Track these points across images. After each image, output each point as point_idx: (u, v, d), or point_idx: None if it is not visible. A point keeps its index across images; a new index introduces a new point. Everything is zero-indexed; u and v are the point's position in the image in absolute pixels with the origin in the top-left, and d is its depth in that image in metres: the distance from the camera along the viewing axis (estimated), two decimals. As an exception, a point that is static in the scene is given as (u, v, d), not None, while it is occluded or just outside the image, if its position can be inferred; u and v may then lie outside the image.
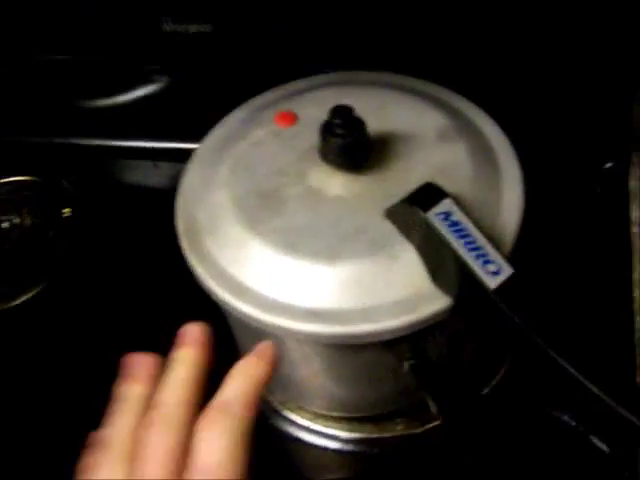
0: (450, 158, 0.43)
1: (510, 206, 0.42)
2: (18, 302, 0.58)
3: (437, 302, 0.39)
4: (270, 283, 0.40)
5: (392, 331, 0.39)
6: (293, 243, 0.41)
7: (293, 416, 0.50)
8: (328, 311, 0.39)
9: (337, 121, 0.41)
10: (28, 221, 0.63)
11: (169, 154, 0.67)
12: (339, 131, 0.41)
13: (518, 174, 0.43)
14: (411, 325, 0.39)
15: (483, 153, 0.44)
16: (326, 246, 0.40)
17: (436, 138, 0.44)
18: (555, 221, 0.54)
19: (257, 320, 0.40)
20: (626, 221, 0.55)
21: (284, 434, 0.50)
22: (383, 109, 0.45)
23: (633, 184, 0.57)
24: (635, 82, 0.54)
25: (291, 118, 0.46)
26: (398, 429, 0.48)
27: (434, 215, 0.38)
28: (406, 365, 0.41)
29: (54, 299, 0.59)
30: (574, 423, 0.39)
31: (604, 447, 0.43)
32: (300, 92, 0.49)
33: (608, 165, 0.57)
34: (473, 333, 0.40)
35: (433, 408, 0.40)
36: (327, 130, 0.41)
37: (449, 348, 0.40)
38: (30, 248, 0.62)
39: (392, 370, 0.43)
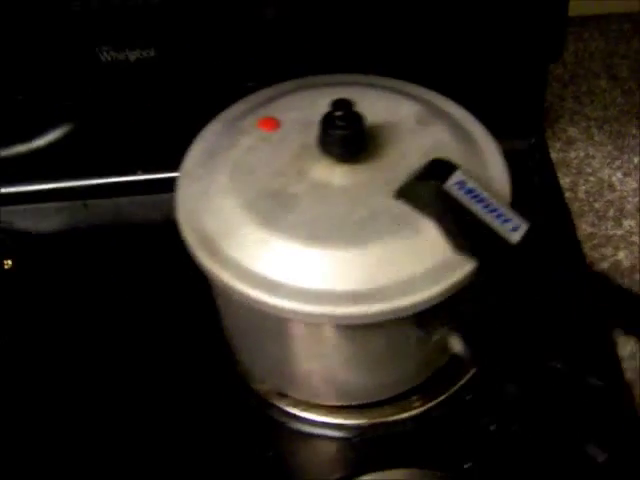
0: (435, 139, 0.46)
1: (498, 178, 0.46)
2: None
3: (463, 267, 0.42)
4: (302, 275, 0.41)
5: (428, 300, 0.41)
6: (315, 234, 0.42)
7: (309, 414, 0.50)
8: (366, 292, 0.41)
9: (338, 114, 0.43)
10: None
11: (102, 190, 0.65)
12: (340, 123, 0.43)
13: (497, 150, 0.47)
14: (444, 292, 0.41)
15: (460, 133, 0.48)
16: (348, 232, 0.42)
17: (416, 123, 0.48)
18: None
19: (301, 313, 0.41)
20: (559, 189, 0.62)
21: (300, 433, 0.50)
22: (360, 105, 0.47)
23: (554, 155, 0.64)
24: (545, 66, 0.61)
25: (274, 122, 0.48)
26: (415, 406, 0.50)
27: (452, 185, 0.41)
28: (438, 334, 0.43)
29: (13, 353, 0.55)
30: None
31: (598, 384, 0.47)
32: (272, 99, 0.50)
33: (532, 141, 0.63)
34: (499, 290, 0.43)
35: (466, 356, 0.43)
36: (328, 123, 0.43)
37: (479, 308, 0.43)
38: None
39: (419, 345, 0.45)
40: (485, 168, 0.46)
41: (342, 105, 0.43)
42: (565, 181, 0.62)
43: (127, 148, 0.64)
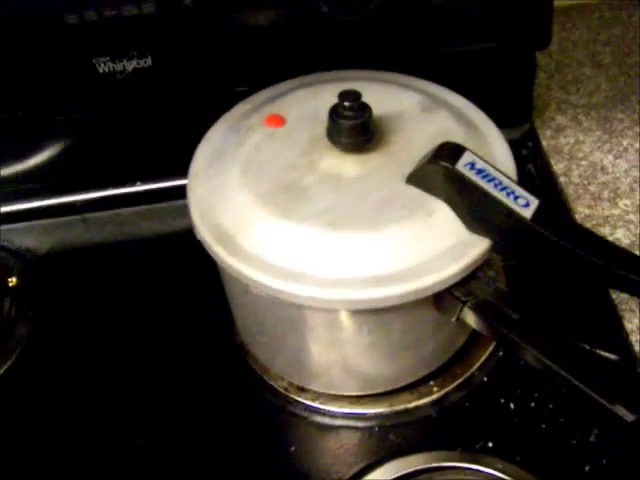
0: (440, 125, 0.48)
1: (503, 160, 0.47)
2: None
3: (479, 245, 0.43)
4: (322, 263, 0.42)
5: (447, 279, 0.42)
6: (332, 222, 0.43)
7: (330, 407, 0.51)
8: (386, 275, 0.42)
9: (346, 104, 0.44)
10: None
11: (101, 203, 0.66)
12: (348, 113, 0.44)
13: (499, 133, 0.49)
14: (462, 270, 0.42)
15: (463, 120, 0.49)
16: (364, 218, 0.43)
17: (420, 112, 0.49)
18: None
19: (322, 300, 0.41)
20: (552, 174, 0.63)
21: (322, 426, 0.51)
22: (364, 97, 0.48)
23: (545, 144, 0.65)
24: (533, 53, 0.62)
25: (280, 119, 0.49)
26: (434, 391, 0.51)
27: (462, 166, 0.42)
28: (456, 314, 0.44)
29: (26, 372, 0.55)
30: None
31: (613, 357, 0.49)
32: (275, 97, 0.51)
33: (525, 129, 0.64)
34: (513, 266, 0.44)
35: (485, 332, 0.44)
36: (336, 113, 0.44)
37: (495, 285, 0.44)
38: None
39: (437, 327, 0.46)
40: (490, 151, 0.47)
41: (350, 96, 0.44)
42: (558, 167, 0.63)
43: (125, 159, 0.64)
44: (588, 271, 0.42)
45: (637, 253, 0.56)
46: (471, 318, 0.43)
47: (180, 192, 0.49)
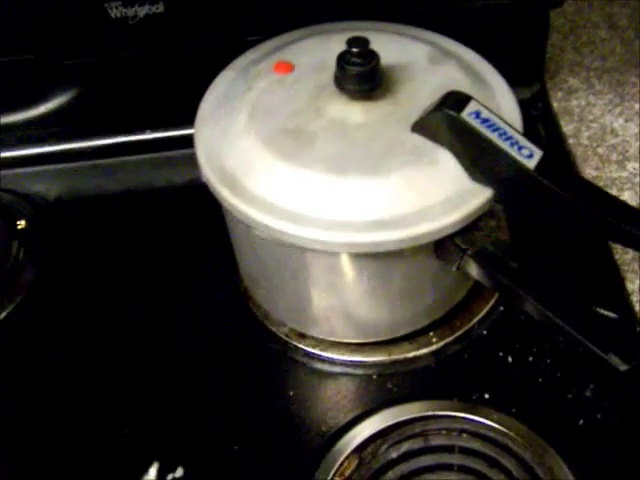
0: (447, 77, 0.48)
1: (510, 113, 0.47)
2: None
3: (481, 194, 0.43)
4: (324, 206, 0.42)
5: (448, 227, 0.42)
6: (338, 166, 0.43)
7: (329, 354, 0.51)
8: (387, 220, 0.42)
9: (354, 51, 0.44)
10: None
11: (111, 150, 0.66)
12: (356, 60, 0.44)
13: (506, 85, 0.49)
14: (463, 219, 0.42)
15: (471, 71, 0.49)
16: (368, 164, 0.43)
17: (428, 62, 0.49)
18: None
19: (324, 242, 0.42)
20: (561, 135, 0.63)
21: (321, 372, 0.51)
22: (373, 46, 0.48)
23: (556, 105, 0.65)
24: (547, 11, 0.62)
25: (289, 66, 0.49)
26: (434, 342, 0.51)
27: (467, 115, 0.42)
28: (457, 263, 0.44)
29: (33, 312, 0.56)
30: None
31: (612, 316, 0.49)
32: (284, 45, 0.51)
33: (537, 87, 0.64)
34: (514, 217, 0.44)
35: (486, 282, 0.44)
36: (344, 60, 0.44)
37: (495, 235, 0.44)
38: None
39: (438, 276, 0.46)
40: (497, 103, 0.47)
41: (358, 42, 0.44)
42: (568, 128, 0.63)
43: (136, 107, 0.64)
44: (589, 223, 0.42)
45: (643, 215, 0.56)
46: (471, 267, 0.43)
47: (190, 141, 0.49)
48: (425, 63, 0.49)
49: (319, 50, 0.49)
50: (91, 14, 0.57)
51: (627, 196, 0.58)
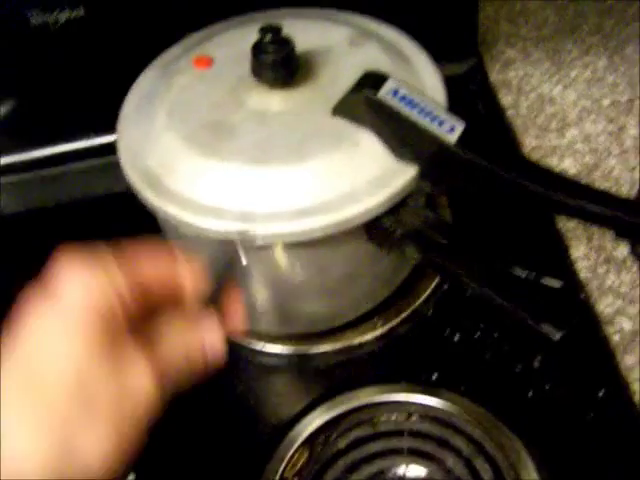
0: (368, 58, 0.47)
1: (433, 86, 0.46)
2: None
3: (405, 173, 0.42)
4: (247, 199, 0.42)
5: (374, 208, 0.42)
6: (258, 156, 0.42)
7: (273, 348, 0.51)
8: (313, 206, 0.41)
9: (268, 39, 0.43)
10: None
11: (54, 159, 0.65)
12: (270, 48, 0.43)
13: (428, 60, 0.48)
14: (389, 199, 0.42)
15: (393, 50, 0.48)
16: (290, 151, 0.42)
17: (349, 45, 0.48)
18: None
19: (251, 235, 0.41)
20: (500, 108, 0.62)
21: (267, 366, 0.51)
22: (291, 33, 0.48)
23: (494, 77, 0.64)
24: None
25: (208, 60, 0.48)
26: (378, 326, 0.51)
27: (385, 94, 0.42)
28: (390, 246, 0.43)
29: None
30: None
31: (556, 284, 0.48)
32: (205, 39, 0.50)
33: (474, 61, 0.63)
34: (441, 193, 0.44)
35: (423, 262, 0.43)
36: (259, 49, 0.43)
37: (424, 213, 0.43)
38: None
39: (374, 260, 0.46)
40: (419, 79, 0.47)
41: (270, 30, 0.43)
42: (507, 100, 0.62)
43: (68, 114, 0.63)
44: (516, 194, 0.41)
45: (584, 181, 0.56)
46: (403, 247, 0.43)
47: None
48: (345, 46, 0.48)
49: (239, 42, 0.48)
50: (11, 23, 0.56)
51: (568, 163, 0.57)
